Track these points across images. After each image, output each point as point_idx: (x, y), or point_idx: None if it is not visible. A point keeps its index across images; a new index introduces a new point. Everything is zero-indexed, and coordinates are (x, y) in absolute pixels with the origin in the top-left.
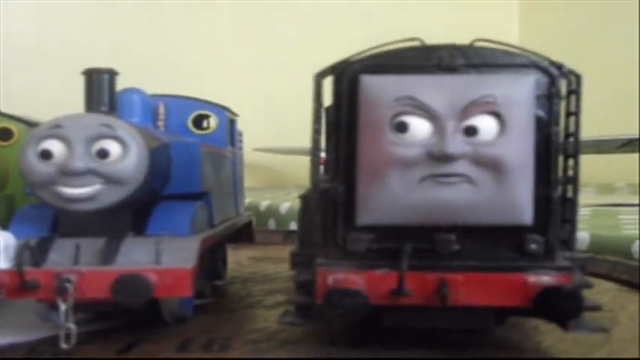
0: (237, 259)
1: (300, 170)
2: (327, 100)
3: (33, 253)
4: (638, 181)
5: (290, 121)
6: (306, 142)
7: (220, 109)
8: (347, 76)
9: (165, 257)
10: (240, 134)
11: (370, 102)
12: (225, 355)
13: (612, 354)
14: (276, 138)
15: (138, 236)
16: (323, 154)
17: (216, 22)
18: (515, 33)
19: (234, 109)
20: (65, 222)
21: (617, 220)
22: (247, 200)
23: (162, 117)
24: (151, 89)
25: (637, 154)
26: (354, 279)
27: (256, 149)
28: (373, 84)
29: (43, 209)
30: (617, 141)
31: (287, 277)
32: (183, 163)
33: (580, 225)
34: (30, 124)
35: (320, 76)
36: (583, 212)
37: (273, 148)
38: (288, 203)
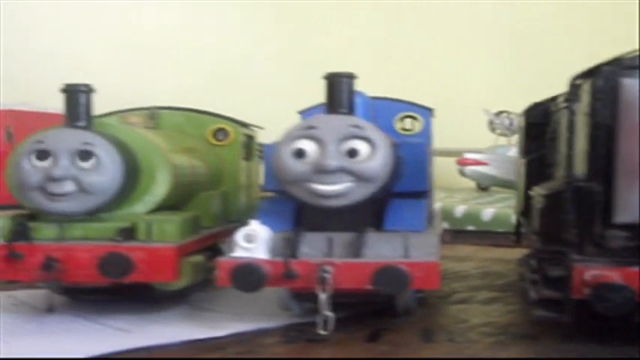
0: None
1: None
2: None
3: (290, 246)
4: None
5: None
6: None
7: (425, 110)
8: (606, 79)
9: (413, 251)
10: None
11: (631, 104)
12: (470, 346)
13: None
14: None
15: (377, 231)
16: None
17: None
18: None
19: None
20: (310, 217)
21: None
22: None
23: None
24: None
25: None
26: (610, 275)
27: None
28: (634, 87)
29: (283, 204)
30: None
31: (477, 274)
32: (412, 162)
33: None
34: (243, 125)
35: (576, 79)
36: None
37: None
38: (464, 206)
